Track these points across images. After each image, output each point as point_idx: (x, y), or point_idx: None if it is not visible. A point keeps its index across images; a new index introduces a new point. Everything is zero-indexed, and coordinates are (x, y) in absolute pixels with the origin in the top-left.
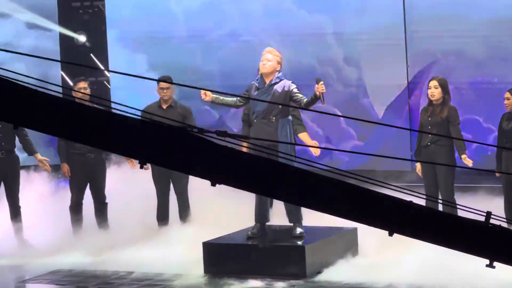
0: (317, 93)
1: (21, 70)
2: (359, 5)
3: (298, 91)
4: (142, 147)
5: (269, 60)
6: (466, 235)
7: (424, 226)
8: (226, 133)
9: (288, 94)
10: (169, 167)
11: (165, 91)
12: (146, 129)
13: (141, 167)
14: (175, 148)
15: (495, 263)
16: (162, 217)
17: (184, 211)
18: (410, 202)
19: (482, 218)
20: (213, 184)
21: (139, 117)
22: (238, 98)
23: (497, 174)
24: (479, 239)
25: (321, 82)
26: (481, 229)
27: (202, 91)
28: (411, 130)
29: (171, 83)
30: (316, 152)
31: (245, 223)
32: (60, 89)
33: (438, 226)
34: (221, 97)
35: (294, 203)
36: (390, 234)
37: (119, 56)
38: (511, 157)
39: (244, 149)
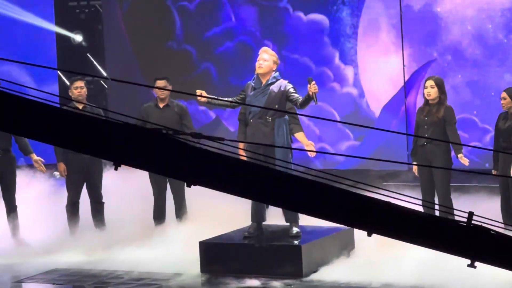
0: (310, 92)
1: (17, 69)
2: (356, 5)
3: (294, 91)
4: (116, 149)
5: (265, 60)
6: (447, 235)
7: (402, 226)
8: (201, 134)
9: (284, 94)
10: (144, 169)
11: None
12: (120, 131)
13: (116, 169)
14: (150, 150)
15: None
16: (159, 216)
17: (181, 210)
18: (389, 202)
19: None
20: (188, 185)
21: (129, 118)
22: (234, 99)
23: (494, 172)
24: (460, 240)
25: (313, 82)
26: (462, 229)
27: (198, 92)
28: (408, 135)
29: (165, 89)
30: (312, 152)
31: (242, 223)
32: (56, 88)
33: (417, 227)
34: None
35: (267, 203)
36: (369, 235)
37: (116, 55)
38: (507, 156)
39: (240, 151)
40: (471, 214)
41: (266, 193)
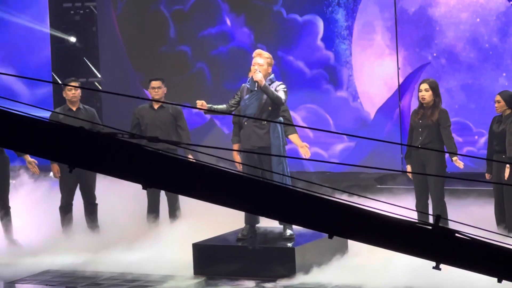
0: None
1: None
2: (351, 6)
3: (282, 90)
4: (71, 153)
5: (260, 65)
6: (412, 238)
7: (365, 228)
8: (157, 138)
9: None
10: (99, 171)
11: (156, 90)
12: (74, 135)
13: (70, 171)
14: (104, 154)
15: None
16: (153, 212)
17: (174, 211)
18: (350, 205)
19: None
20: (144, 188)
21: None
22: (229, 104)
23: (487, 176)
24: (425, 242)
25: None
26: (428, 232)
27: (199, 103)
28: (402, 145)
29: (164, 102)
30: (306, 154)
31: (235, 225)
32: (50, 90)
33: (382, 229)
34: (214, 106)
35: (223, 205)
36: (330, 237)
37: (110, 56)
38: (501, 160)
39: (235, 154)
40: (438, 216)
41: (221, 195)
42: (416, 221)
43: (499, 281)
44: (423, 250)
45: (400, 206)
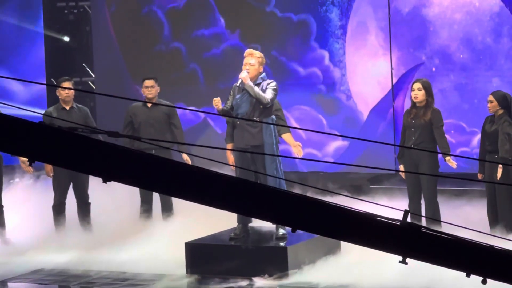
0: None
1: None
2: (345, 5)
3: (271, 88)
4: (31, 147)
5: (252, 64)
6: (379, 233)
7: (333, 224)
8: (118, 133)
9: None
10: (59, 165)
11: (149, 89)
12: (35, 130)
13: (30, 165)
14: (64, 148)
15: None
16: (146, 209)
17: (167, 209)
18: (316, 199)
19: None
20: (104, 181)
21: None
22: (226, 105)
23: (479, 176)
24: (392, 237)
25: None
26: (395, 227)
27: (215, 101)
28: (395, 145)
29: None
30: (299, 153)
31: (228, 224)
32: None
33: (348, 224)
34: (224, 108)
35: (177, 196)
36: (293, 231)
37: (104, 56)
38: (494, 160)
39: (228, 153)
40: (406, 212)
41: (183, 189)
42: (384, 216)
43: (467, 275)
44: (389, 245)
45: (388, 207)
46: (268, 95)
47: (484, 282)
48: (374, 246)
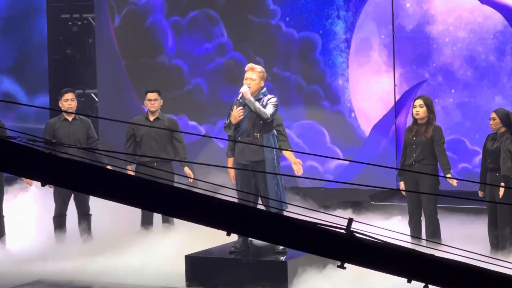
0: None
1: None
2: (348, 23)
3: (271, 103)
4: None
5: (253, 79)
6: (317, 239)
7: (278, 232)
8: (57, 142)
9: None
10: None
11: (152, 102)
12: None
13: None
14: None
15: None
16: (147, 222)
17: (167, 222)
18: (254, 208)
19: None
20: (43, 185)
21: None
22: (228, 122)
23: (480, 194)
24: (331, 243)
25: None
26: (332, 233)
27: (236, 111)
28: (397, 169)
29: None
30: (299, 170)
31: (229, 237)
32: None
33: (291, 231)
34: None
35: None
36: (228, 234)
37: (107, 68)
38: (495, 177)
39: (230, 166)
40: (350, 220)
41: (117, 195)
42: (328, 224)
43: (409, 281)
44: (329, 251)
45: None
46: (269, 110)
47: (409, 281)
48: (312, 251)
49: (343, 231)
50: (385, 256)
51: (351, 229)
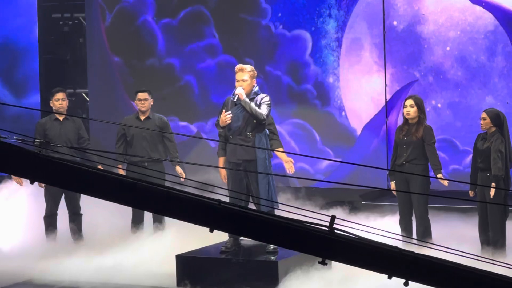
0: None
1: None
2: (339, 22)
3: (265, 103)
4: None
5: (244, 80)
6: (300, 236)
7: (263, 231)
8: (49, 143)
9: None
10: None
11: (142, 102)
12: None
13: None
14: None
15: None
16: (137, 221)
17: (158, 221)
18: (238, 206)
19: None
20: (31, 182)
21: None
22: (219, 119)
23: (471, 194)
24: (313, 240)
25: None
26: (319, 231)
27: (223, 118)
28: (387, 170)
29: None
30: (290, 169)
31: (219, 237)
32: (38, 99)
33: (274, 229)
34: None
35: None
36: (211, 231)
37: (98, 68)
38: (485, 177)
39: (221, 165)
40: (333, 217)
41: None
42: (313, 223)
43: (389, 277)
44: (310, 248)
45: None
46: (264, 111)
47: (406, 284)
48: (295, 248)
49: (326, 228)
50: (365, 253)
51: (334, 226)
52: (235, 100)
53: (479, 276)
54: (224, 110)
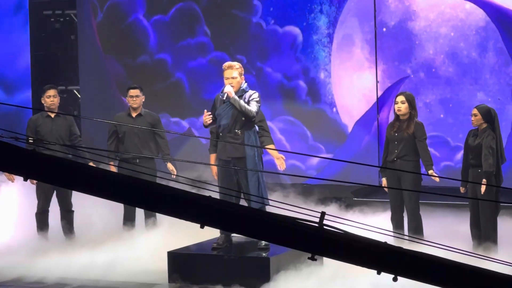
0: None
1: None
2: (331, 18)
3: (254, 100)
4: None
5: (234, 78)
6: (289, 233)
7: (256, 227)
8: (41, 140)
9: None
10: None
11: (134, 98)
12: None
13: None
14: None
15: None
16: (129, 218)
17: (150, 217)
18: (226, 202)
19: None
20: (25, 179)
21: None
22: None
23: (462, 190)
24: (303, 237)
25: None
26: (308, 227)
27: (206, 113)
28: (380, 167)
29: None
30: (281, 166)
31: (211, 233)
32: (29, 95)
33: (259, 225)
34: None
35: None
36: (202, 227)
37: (90, 65)
38: (477, 174)
39: (212, 161)
40: (323, 214)
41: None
42: (303, 219)
43: (378, 273)
44: (300, 244)
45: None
46: (253, 108)
47: (394, 279)
48: (289, 245)
49: (315, 225)
50: (353, 249)
51: (324, 223)
52: (224, 98)
53: (469, 272)
54: (205, 110)
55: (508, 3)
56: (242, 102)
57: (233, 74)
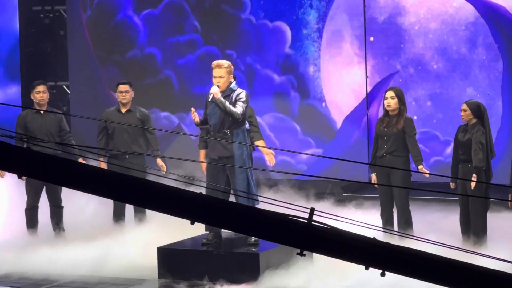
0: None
1: None
2: (320, 13)
3: (240, 100)
4: None
5: (221, 77)
6: (279, 228)
7: (246, 223)
8: (32, 137)
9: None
10: None
11: (123, 94)
12: None
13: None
14: None
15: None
16: (119, 214)
17: (140, 213)
18: (216, 198)
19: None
20: (19, 177)
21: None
22: (205, 113)
23: (452, 185)
24: (292, 232)
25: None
26: (297, 223)
27: (193, 110)
28: (370, 164)
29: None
30: (271, 161)
31: (201, 229)
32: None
33: (248, 221)
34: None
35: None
36: (192, 223)
37: (79, 60)
38: (467, 169)
39: (202, 158)
40: (312, 210)
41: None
42: (292, 215)
43: (366, 268)
44: (288, 239)
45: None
46: (239, 109)
47: (382, 274)
48: (278, 240)
49: (304, 220)
50: (341, 244)
51: (313, 219)
52: (209, 100)
53: (457, 267)
54: (192, 108)
55: None
56: (227, 103)
57: (221, 73)
